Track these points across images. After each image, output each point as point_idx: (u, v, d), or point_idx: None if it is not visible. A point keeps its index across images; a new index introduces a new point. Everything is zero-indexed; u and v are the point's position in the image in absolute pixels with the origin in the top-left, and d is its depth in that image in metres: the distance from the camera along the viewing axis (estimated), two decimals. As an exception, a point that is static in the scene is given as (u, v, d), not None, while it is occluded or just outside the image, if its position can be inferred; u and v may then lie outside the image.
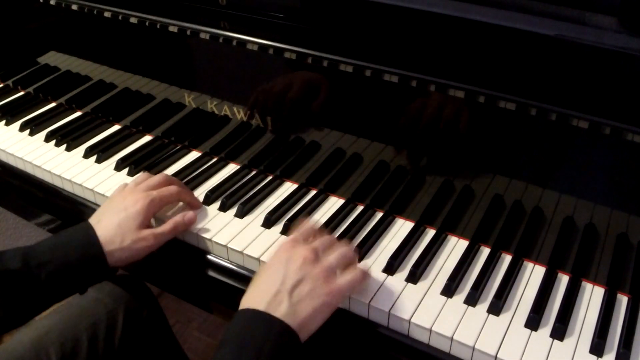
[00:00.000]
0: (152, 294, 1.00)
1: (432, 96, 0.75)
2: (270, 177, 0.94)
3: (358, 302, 0.73)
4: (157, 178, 0.86)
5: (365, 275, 0.72)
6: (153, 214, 0.82)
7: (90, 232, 0.77)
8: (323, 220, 0.86)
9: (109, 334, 0.89)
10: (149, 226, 0.81)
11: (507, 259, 0.79)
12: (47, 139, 1.05)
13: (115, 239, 0.77)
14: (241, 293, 0.69)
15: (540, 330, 0.69)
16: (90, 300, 0.92)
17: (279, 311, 0.64)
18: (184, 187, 0.88)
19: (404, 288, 0.74)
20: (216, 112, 0.94)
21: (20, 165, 1.02)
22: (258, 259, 0.79)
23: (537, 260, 0.79)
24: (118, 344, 0.90)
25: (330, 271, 0.68)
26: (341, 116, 0.85)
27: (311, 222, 0.77)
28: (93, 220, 0.79)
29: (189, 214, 0.84)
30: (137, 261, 0.79)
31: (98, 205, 0.92)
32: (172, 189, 0.85)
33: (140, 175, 0.88)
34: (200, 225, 0.84)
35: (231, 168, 0.97)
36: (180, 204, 0.88)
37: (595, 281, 0.76)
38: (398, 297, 0.73)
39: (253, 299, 0.66)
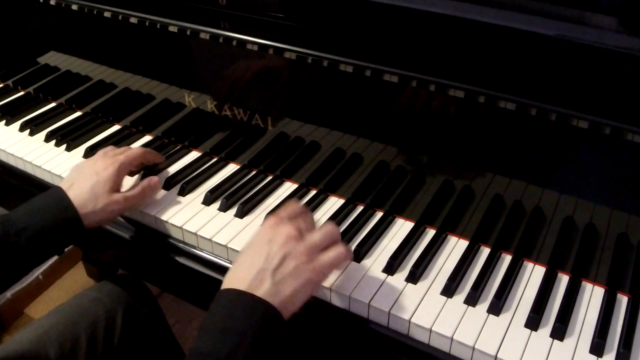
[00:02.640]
0: (151, 294, 1.00)
1: (432, 96, 0.74)
2: (270, 177, 0.94)
3: (358, 302, 0.72)
4: (124, 148, 0.91)
5: (350, 252, 0.71)
6: (122, 178, 0.86)
7: (64, 196, 0.79)
8: (323, 220, 0.85)
9: (108, 334, 0.89)
10: (118, 190, 0.84)
11: (507, 259, 0.79)
12: (47, 139, 1.05)
13: (88, 202, 0.79)
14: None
15: (540, 330, 0.69)
16: (90, 300, 0.92)
17: (262, 290, 0.63)
18: (148, 149, 0.94)
19: (404, 288, 0.74)
20: (216, 112, 0.94)
21: (20, 165, 1.02)
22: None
23: (537, 260, 0.79)
24: (117, 343, 0.90)
25: (314, 249, 0.67)
26: (341, 116, 0.85)
27: (297, 203, 0.75)
28: (64, 185, 0.81)
29: (154, 178, 0.88)
30: (108, 223, 0.85)
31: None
32: (138, 149, 0.91)
33: (109, 147, 0.92)
34: (200, 225, 0.84)
35: (231, 168, 0.97)
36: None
37: (595, 281, 0.76)
38: (398, 297, 0.73)
39: (235, 278, 0.65)
